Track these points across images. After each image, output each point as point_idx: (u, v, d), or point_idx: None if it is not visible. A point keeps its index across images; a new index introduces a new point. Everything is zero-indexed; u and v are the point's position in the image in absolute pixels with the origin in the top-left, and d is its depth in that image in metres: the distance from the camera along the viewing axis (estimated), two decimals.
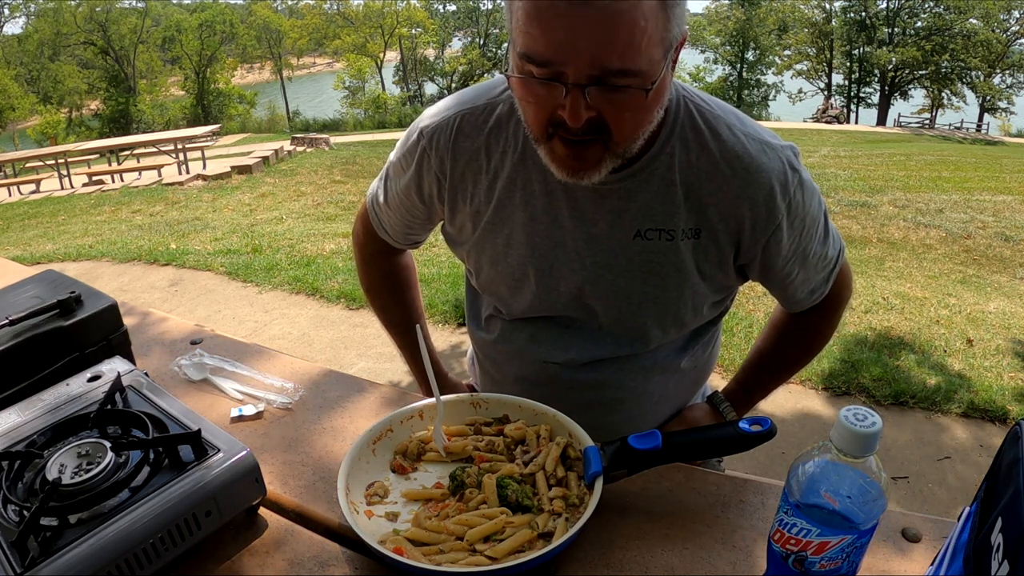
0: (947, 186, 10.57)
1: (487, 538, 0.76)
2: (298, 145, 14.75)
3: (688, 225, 0.92)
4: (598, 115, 0.76)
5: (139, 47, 36.70)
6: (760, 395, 1.18)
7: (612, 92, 0.74)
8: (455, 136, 0.97)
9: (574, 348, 1.02)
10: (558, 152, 0.82)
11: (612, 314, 0.98)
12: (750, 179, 0.88)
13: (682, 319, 0.99)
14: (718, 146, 0.89)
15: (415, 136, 1.01)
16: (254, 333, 4.00)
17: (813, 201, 0.94)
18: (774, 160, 0.89)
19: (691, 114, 0.90)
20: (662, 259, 0.93)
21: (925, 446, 2.87)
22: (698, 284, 0.96)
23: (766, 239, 0.92)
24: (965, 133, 29.01)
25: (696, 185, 0.90)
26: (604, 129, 0.78)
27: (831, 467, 0.61)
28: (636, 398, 1.06)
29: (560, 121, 0.77)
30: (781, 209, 0.90)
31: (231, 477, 0.78)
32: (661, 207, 0.91)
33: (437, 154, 0.98)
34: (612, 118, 0.77)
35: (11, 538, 0.68)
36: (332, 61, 50.79)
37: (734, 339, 3.70)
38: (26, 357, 0.97)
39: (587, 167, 0.82)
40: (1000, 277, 5.74)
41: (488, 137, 0.96)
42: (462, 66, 40.33)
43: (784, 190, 0.90)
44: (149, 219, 7.63)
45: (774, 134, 0.93)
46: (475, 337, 1.16)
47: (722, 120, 0.91)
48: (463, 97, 0.99)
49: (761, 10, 37.18)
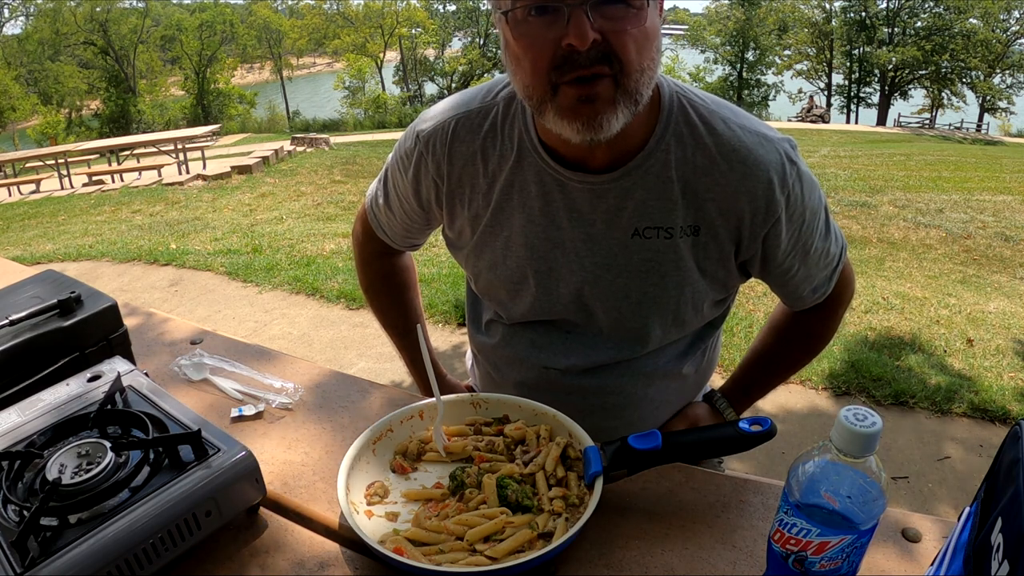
0: (947, 186, 10.57)
1: (487, 538, 0.76)
2: (298, 145, 14.74)
3: (687, 222, 0.91)
4: (603, 39, 0.75)
5: (139, 47, 36.67)
6: (759, 394, 1.17)
7: (612, 8, 0.75)
8: (451, 140, 0.96)
9: (575, 354, 1.02)
10: (567, 102, 0.79)
11: (612, 315, 0.97)
12: (747, 172, 0.87)
13: (682, 318, 0.98)
14: (714, 140, 0.88)
15: (411, 141, 1.01)
16: (254, 333, 4.00)
17: (813, 195, 0.93)
18: (771, 152, 0.88)
19: (685, 109, 0.89)
20: (661, 258, 0.92)
21: (925, 446, 2.87)
22: (698, 282, 0.94)
23: (765, 232, 0.91)
24: (965, 133, 28.99)
25: (693, 181, 0.89)
26: (612, 57, 0.77)
27: (831, 467, 0.61)
28: (637, 404, 1.06)
29: (566, 57, 0.76)
30: (780, 202, 0.89)
31: (231, 477, 0.78)
32: (658, 205, 0.90)
33: (434, 159, 0.98)
34: (617, 39, 0.76)
35: (11, 538, 0.68)
36: (332, 61, 50.75)
37: (734, 339, 3.70)
38: (26, 357, 0.97)
39: (601, 108, 0.79)
40: (1000, 277, 5.73)
41: (484, 140, 0.95)
42: (462, 66, 40.30)
43: (783, 183, 0.88)
44: (149, 219, 7.63)
45: (770, 127, 0.92)
46: (475, 341, 1.15)
47: (716, 114, 0.90)
48: (458, 101, 0.99)
49: (761, 10, 37.13)
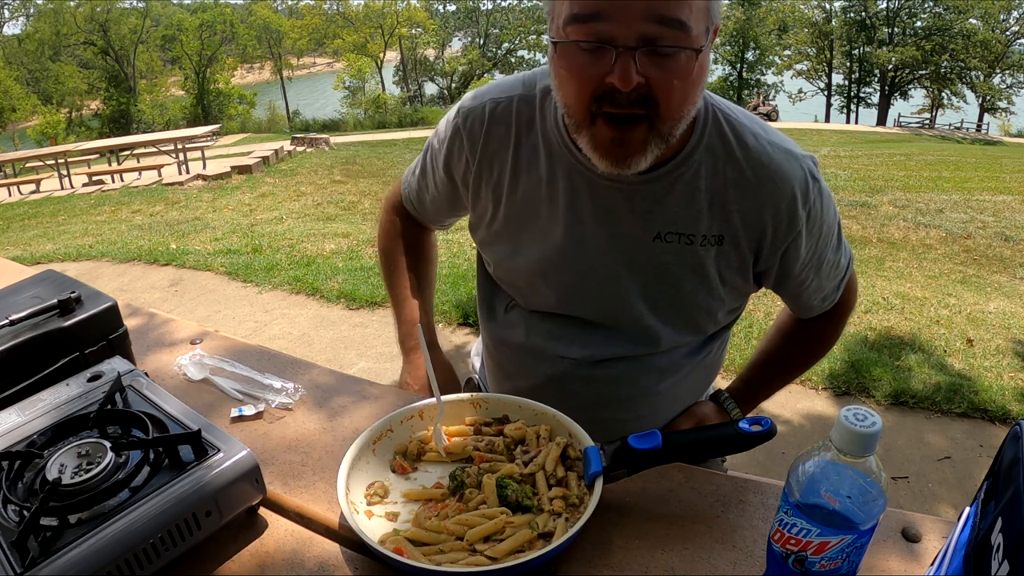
0: (947, 186, 10.57)
1: (487, 538, 0.76)
2: (298, 145, 14.74)
3: (712, 232, 0.93)
4: (646, 84, 0.76)
5: (139, 47, 36.67)
6: (764, 395, 1.19)
7: (661, 58, 0.75)
8: (488, 121, 0.98)
9: (592, 345, 1.03)
10: (602, 137, 0.81)
11: (628, 313, 0.99)
12: (775, 187, 0.90)
13: (697, 323, 1.01)
14: (744, 154, 0.90)
15: (453, 114, 1.03)
16: (254, 333, 4.00)
17: (830, 211, 0.96)
18: (796, 169, 0.91)
19: (718, 121, 0.92)
20: (680, 261, 0.94)
21: (925, 446, 2.87)
22: (717, 289, 0.97)
23: (786, 246, 0.94)
24: (965, 133, 29.00)
25: (722, 192, 0.91)
26: (651, 102, 0.78)
27: (831, 467, 0.61)
28: (648, 398, 1.07)
29: (607, 92, 0.77)
30: (801, 217, 0.92)
31: (231, 477, 0.78)
32: (685, 212, 0.92)
33: (470, 136, 1.00)
34: (661, 87, 0.77)
35: (11, 538, 0.67)
36: (332, 61, 50.78)
37: (735, 339, 3.70)
38: (26, 357, 0.97)
39: (632, 151, 0.81)
40: (1000, 277, 5.73)
41: (519, 129, 0.97)
42: (462, 66, 40.33)
43: (805, 198, 0.91)
44: (149, 219, 7.63)
45: (795, 143, 0.94)
46: (489, 330, 1.15)
47: (747, 128, 0.92)
48: (500, 85, 1.01)
49: (761, 10, 37.15)
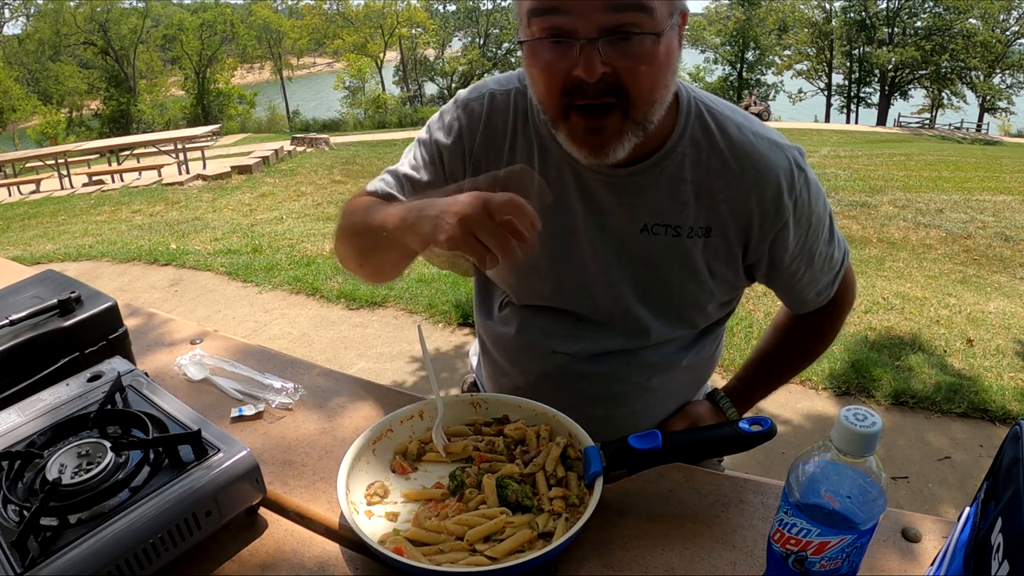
0: (947, 186, 10.56)
1: (487, 538, 0.76)
2: (298, 145, 14.74)
3: (699, 224, 0.94)
4: (613, 73, 0.77)
5: (139, 47, 36.68)
6: (761, 394, 1.19)
7: (625, 43, 0.76)
8: (487, 109, 0.99)
9: (585, 339, 1.03)
10: (577, 129, 0.82)
11: (617, 304, 0.99)
12: (758, 176, 0.91)
13: (686, 316, 1.01)
14: (727, 144, 0.91)
15: (451, 104, 1.04)
16: (254, 333, 4.00)
17: (819, 201, 0.97)
18: (781, 158, 0.92)
19: (701, 115, 0.93)
20: (667, 253, 0.95)
21: (925, 446, 2.87)
22: (706, 282, 0.97)
23: (773, 235, 0.94)
24: (965, 133, 29.00)
25: (707, 183, 0.92)
26: (620, 90, 0.79)
27: (831, 467, 0.61)
28: (641, 393, 1.07)
29: (576, 84, 0.78)
30: (788, 206, 0.92)
31: (231, 477, 0.78)
32: (670, 205, 0.93)
33: (469, 121, 1.00)
34: (628, 74, 0.78)
35: (11, 538, 0.68)
36: (332, 61, 50.79)
37: (734, 339, 3.70)
38: (26, 357, 0.97)
39: (607, 139, 0.82)
40: (1000, 277, 5.73)
41: (515, 121, 0.98)
42: (462, 66, 40.31)
43: (791, 187, 0.92)
44: (149, 219, 7.63)
45: (780, 135, 0.95)
46: (485, 328, 1.15)
47: (731, 120, 0.93)
48: (499, 79, 1.03)
49: (761, 10, 37.14)
